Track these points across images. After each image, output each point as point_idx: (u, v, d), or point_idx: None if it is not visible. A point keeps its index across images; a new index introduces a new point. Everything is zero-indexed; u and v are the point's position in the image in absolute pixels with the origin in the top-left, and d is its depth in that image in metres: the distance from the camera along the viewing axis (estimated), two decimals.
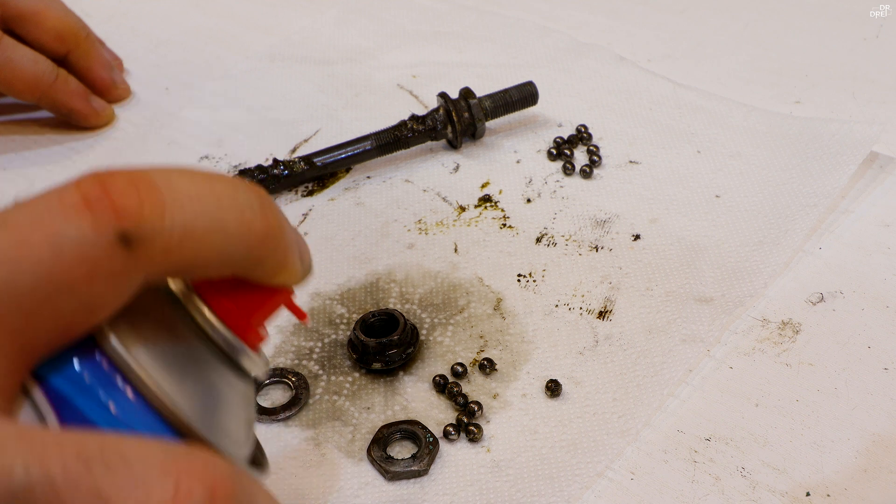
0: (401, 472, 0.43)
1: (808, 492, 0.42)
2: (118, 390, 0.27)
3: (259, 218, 0.29)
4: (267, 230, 0.29)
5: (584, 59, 0.72)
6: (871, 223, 0.56)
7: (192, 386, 0.28)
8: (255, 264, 0.29)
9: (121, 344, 0.27)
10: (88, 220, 0.26)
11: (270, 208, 0.29)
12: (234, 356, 0.30)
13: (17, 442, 0.24)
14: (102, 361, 0.27)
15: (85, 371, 0.27)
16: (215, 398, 0.29)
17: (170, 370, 0.28)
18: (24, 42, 0.65)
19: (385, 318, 0.50)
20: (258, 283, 0.30)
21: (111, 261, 0.26)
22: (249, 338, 0.30)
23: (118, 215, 0.26)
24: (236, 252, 0.28)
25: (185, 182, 0.28)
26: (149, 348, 0.28)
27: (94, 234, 0.26)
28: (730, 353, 0.49)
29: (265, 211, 0.29)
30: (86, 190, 0.26)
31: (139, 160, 0.66)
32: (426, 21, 0.80)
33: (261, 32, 0.80)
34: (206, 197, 0.28)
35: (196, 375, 0.29)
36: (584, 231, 0.57)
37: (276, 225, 0.29)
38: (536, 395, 0.47)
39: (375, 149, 0.63)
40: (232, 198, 0.28)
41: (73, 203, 0.26)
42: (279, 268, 0.30)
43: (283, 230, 0.30)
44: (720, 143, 0.63)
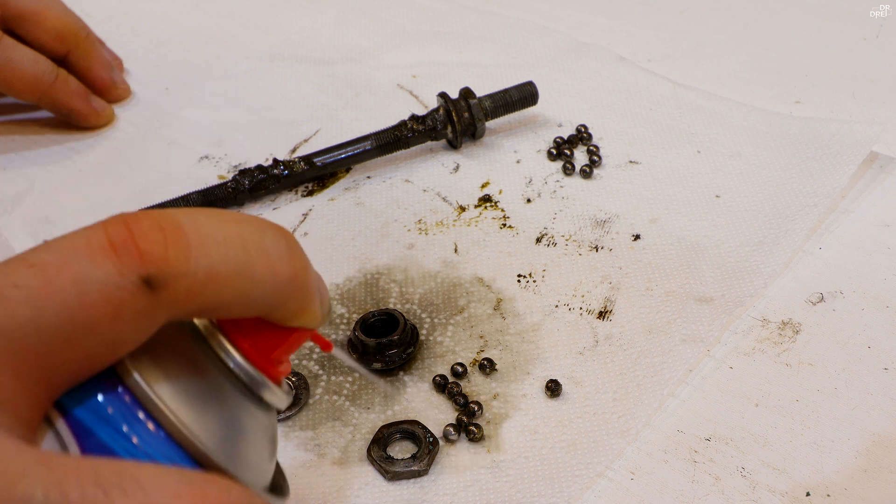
0: (401, 472, 0.43)
1: (808, 492, 0.42)
2: (139, 422, 0.28)
3: (285, 263, 0.29)
4: (292, 276, 0.29)
5: (584, 59, 0.72)
6: (871, 223, 0.56)
7: (212, 418, 0.29)
8: (278, 307, 0.30)
9: (142, 378, 0.28)
10: (114, 262, 0.26)
11: (296, 253, 0.30)
12: (255, 390, 0.30)
13: (38, 468, 0.25)
14: (124, 394, 0.28)
15: (107, 403, 0.28)
16: (236, 429, 0.30)
17: (190, 403, 0.29)
18: (24, 42, 0.65)
19: (385, 318, 0.50)
20: (279, 323, 0.31)
21: (135, 302, 0.27)
22: (271, 371, 0.31)
23: (143, 259, 0.27)
24: (260, 297, 0.29)
25: (212, 225, 0.28)
26: (170, 381, 0.28)
27: (118, 276, 0.26)
28: (730, 353, 0.49)
29: (291, 256, 0.29)
30: (112, 233, 0.27)
31: (139, 160, 0.66)
32: (426, 21, 0.80)
33: (261, 32, 0.80)
34: (233, 241, 0.28)
35: (217, 408, 0.29)
36: (584, 231, 0.57)
37: (301, 271, 0.30)
38: (536, 395, 0.47)
39: (375, 149, 0.63)
40: (258, 242, 0.29)
41: (99, 245, 0.27)
42: (300, 312, 0.31)
43: (307, 276, 0.30)
44: (720, 143, 0.63)
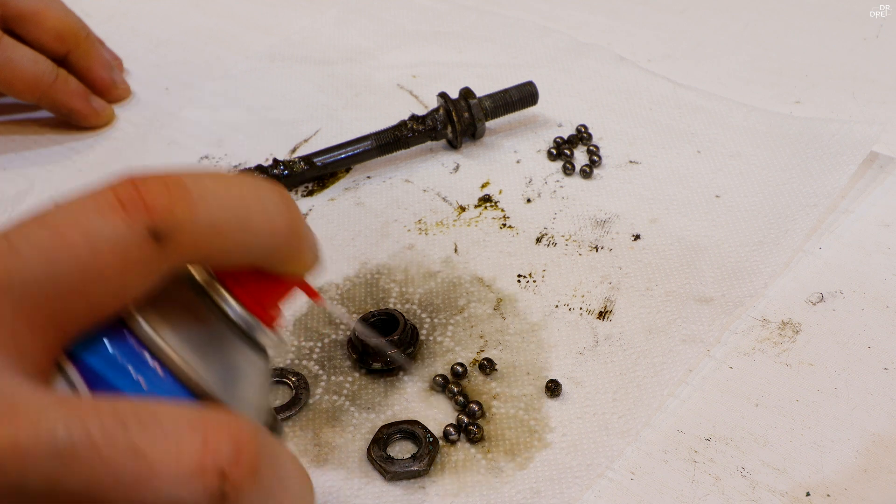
0: (401, 472, 0.43)
1: (808, 492, 0.42)
2: (146, 365, 0.30)
3: (281, 215, 0.31)
4: (288, 226, 0.32)
5: (584, 59, 0.72)
6: (871, 223, 0.56)
7: (213, 361, 0.31)
8: (273, 256, 0.32)
9: (148, 324, 0.30)
10: (122, 217, 0.28)
11: (290, 206, 0.32)
12: (251, 334, 0.33)
13: (58, 407, 0.26)
14: (131, 340, 0.30)
15: (115, 349, 0.30)
16: (235, 372, 0.32)
17: (193, 347, 0.31)
18: (24, 42, 0.65)
19: (385, 318, 0.50)
20: (273, 270, 0.33)
21: (142, 253, 0.28)
22: (266, 317, 0.33)
23: (150, 212, 0.28)
24: (258, 246, 0.31)
25: (213, 182, 0.30)
26: (173, 328, 0.31)
27: (127, 229, 0.28)
28: (730, 353, 0.49)
29: (287, 208, 0.32)
30: (120, 191, 0.29)
31: (139, 160, 0.66)
32: (426, 21, 0.80)
33: (261, 32, 0.80)
34: (233, 196, 0.30)
35: (217, 351, 0.31)
36: (584, 231, 0.57)
37: (296, 220, 0.32)
38: (536, 395, 0.47)
39: (375, 149, 0.63)
40: (256, 196, 0.31)
41: (107, 203, 0.29)
42: (293, 259, 0.33)
43: (300, 227, 0.32)
44: (720, 143, 0.63)
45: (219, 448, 0.27)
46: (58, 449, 0.25)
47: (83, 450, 0.25)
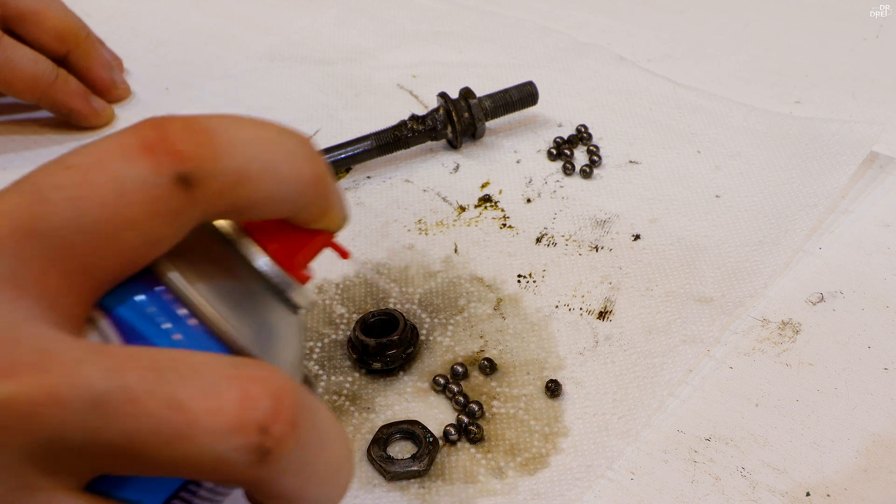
0: (401, 472, 0.43)
1: (808, 492, 0.42)
2: (179, 318, 0.29)
3: (308, 164, 0.30)
4: (315, 176, 0.31)
5: (584, 59, 0.72)
6: (871, 223, 0.56)
7: (246, 315, 0.30)
8: (302, 207, 0.31)
9: (180, 276, 0.29)
10: (149, 162, 0.27)
11: (317, 157, 0.31)
12: (283, 289, 0.32)
13: (94, 355, 0.25)
14: (163, 292, 0.29)
15: (148, 301, 0.29)
16: (268, 327, 0.31)
17: (225, 300, 0.30)
18: (24, 42, 0.65)
19: (385, 318, 0.50)
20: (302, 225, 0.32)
21: (170, 200, 0.28)
22: (296, 273, 0.33)
23: (176, 158, 0.27)
24: (286, 195, 0.30)
25: (238, 128, 0.29)
26: (205, 280, 0.30)
27: (154, 175, 0.27)
28: (730, 353, 0.49)
29: (314, 158, 0.31)
30: (144, 134, 0.28)
31: None
32: (426, 21, 0.80)
33: (261, 32, 0.80)
34: (259, 142, 0.29)
35: (249, 307, 0.31)
36: (584, 231, 0.57)
37: (322, 171, 0.31)
38: (536, 395, 0.47)
39: (375, 149, 0.63)
40: (282, 143, 0.30)
41: (133, 146, 0.28)
42: (323, 212, 0.32)
43: (328, 178, 0.31)
44: (720, 143, 0.63)
45: (258, 402, 0.26)
46: (95, 399, 0.25)
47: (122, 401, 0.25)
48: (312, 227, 0.33)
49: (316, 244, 0.33)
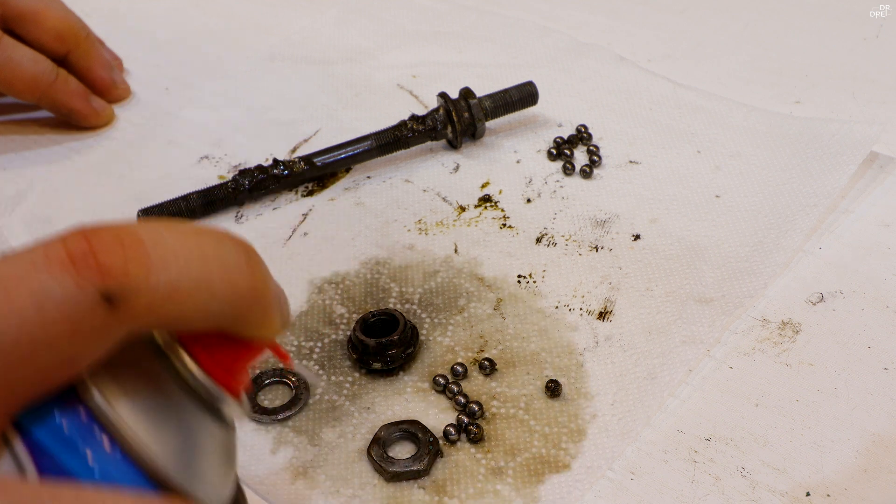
0: (401, 472, 0.43)
1: (808, 492, 0.42)
2: (97, 442, 0.27)
3: (245, 277, 0.29)
4: (251, 289, 0.29)
5: (584, 59, 0.72)
6: (871, 223, 0.56)
7: (171, 435, 0.29)
8: (238, 320, 0.30)
9: (101, 395, 0.28)
10: (72, 277, 0.26)
11: (256, 266, 0.30)
12: (215, 405, 0.30)
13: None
14: (82, 412, 0.28)
15: (64, 422, 0.27)
16: (194, 446, 0.30)
17: (149, 420, 0.28)
18: (24, 42, 0.65)
19: (385, 318, 0.50)
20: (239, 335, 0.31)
21: (94, 317, 0.26)
22: (231, 385, 0.31)
23: (102, 274, 0.26)
24: (220, 309, 0.29)
25: (173, 238, 0.28)
26: (129, 398, 0.28)
27: (77, 291, 0.26)
28: (730, 353, 0.49)
29: (252, 269, 0.29)
30: (72, 246, 0.26)
31: (139, 160, 0.66)
32: (426, 21, 0.80)
33: (261, 32, 0.80)
34: (193, 255, 0.28)
35: (176, 424, 0.29)
36: (584, 231, 0.57)
37: (260, 283, 0.30)
38: (536, 395, 0.47)
39: (375, 149, 0.63)
40: (218, 256, 0.29)
41: (58, 259, 0.26)
42: (260, 323, 0.30)
43: (266, 288, 0.30)
44: (720, 143, 0.63)
45: None
46: None
47: None
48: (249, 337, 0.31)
49: (253, 351, 0.32)
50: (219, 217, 0.60)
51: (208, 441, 0.30)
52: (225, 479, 0.31)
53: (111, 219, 0.60)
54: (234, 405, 0.31)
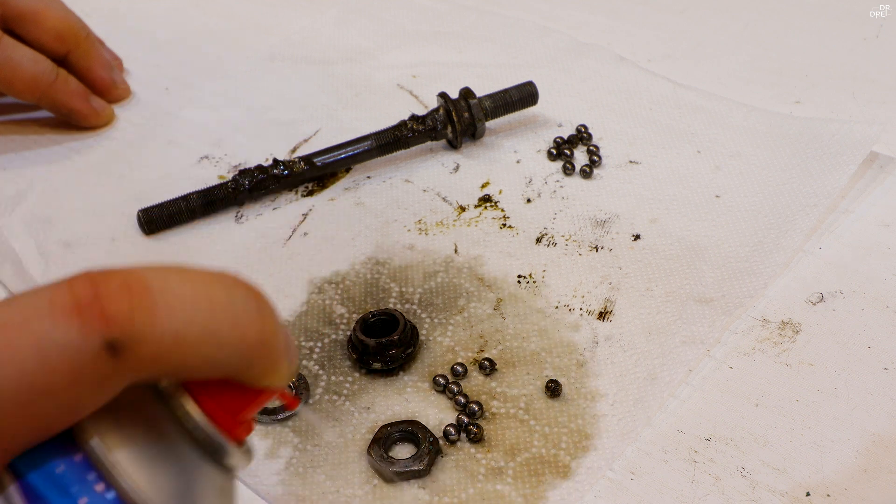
0: (401, 472, 0.43)
1: (808, 492, 0.42)
2: (91, 487, 0.27)
3: (255, 326, 0.28)
4: (260, 339, 0.28)
5: (584, 59, 0.72)
6: (871, 223, 0.56)
7: (168, 481, 0.28)
8: (246, 369, 0.29)
9: (100, 441, 0.27)
10: (77, 325, 0.25)
11: (267, 314, 0.29)
12: (218, 454, 0.30)
13: None
14: (79, 458, 0.27)
15: (62, 468, 0.27)
16: (192, 492, 0.29)
17: (147, 466, 0.28)
18: (24, 42, 0.65)
19: (385, 318, 0.50)
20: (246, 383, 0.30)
21: (97, 366, 0.26)
22: (234, 433, 0.30)
23: (108, 322, 0.25)
24: (227, 359, 0.28)
25: (180, 284, 0.27)
26: (128, 443, 0.28)
27: (81, 340, 0.25)
28: (730, 353, 0.49)
29: (262, 318, 0.29)
30: (77, 292, 0.26)
31: (139, 160, 0.66)
32: (426, 21, 0.80)
33: (261, 32, 0.80)
34: (202, 302, 0.27)
35: (175, 470, 0.29)
36: (584, 231, 0.57)
37: (270, 332, 0.29)
38: (536, 395, 0.47)
39: (375, 149, 0.63)
40: (227, 303, 0.28)
41: (62, 305, 0.26)
42: (268, 373, 0.30)
43: (276, 338, 0.29)
44: (720, 143, 0.63)
45: None
46: None
47: None
48: (256, 386, 0.30)
49: (260, 401, 0.31)
50: (219, 217, 0.60)
51: (207, 488, 0.30)
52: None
53: (111, 219, 0.60)
54: (236, 455, 0.31)
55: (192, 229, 0.59)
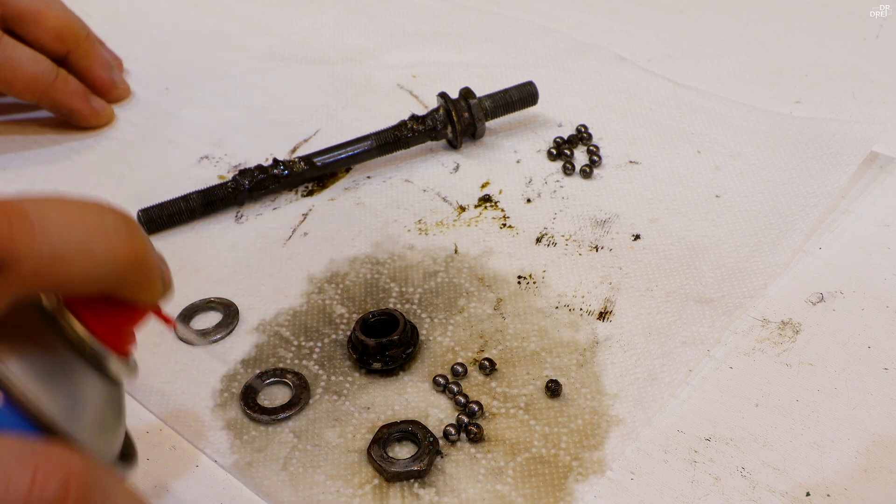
0: (401, 472, 0.43)
1: (808, 492, 0.42)
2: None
3: (125, 244, 0.32)
4: (131, 255, 0.32)
5: (584, 59, 0.72)
6: (871, 223, 0.56)
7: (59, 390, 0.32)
8: (120, 285, 0.33)
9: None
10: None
11: (136, 233, 0.33)
12: (100, 363, 0.33)
13: None
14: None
15: None
16: (81, 400, 0.32)
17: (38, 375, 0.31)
18: (24, 42, 0.65)
19: (385, 318, 0.50)
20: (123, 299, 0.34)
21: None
22: (116, 345, 0.34)
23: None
24: (102, 274, 0.31)
25: (56, 210, 0.30)
26: (18, 355, 0.31)
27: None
28: (730, 353, 0.49)
29: (131, 237, 0.32)
30: None
31: (139, 160, 0.66)
32: (426, 21, 0.80)
33: (261, 32, 0.80)
34: (75, 224, 0.30)
35: (63, 380, 0.32)
36: (584, 231, 0.57)
37: (140, 250, 0.33)
38: (536, 395, 0.47)
39: (375, 149, 0.63)
40: (99, 224, 0.31)
41: None
42: (142, 288, 0.34)
43: (147, 254, 0.33)
44: (720, 143, 0.63)
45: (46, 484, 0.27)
46: None
47: None
48: (133, 301, 0.34)
49: (136, 317, 0.35)
50: (219, 217, 0.60)
51: (93, 394, 0.33)
52: (113, 433, 0.35)
53: None
54: (120, 364, 0.34)
55: (192, 229, 0.59)
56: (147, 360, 0.50)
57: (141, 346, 0.51)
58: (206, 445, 0.46)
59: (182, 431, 0.46)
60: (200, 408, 0.47)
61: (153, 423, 0.47)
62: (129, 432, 0.38)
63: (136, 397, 0.48)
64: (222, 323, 0.52)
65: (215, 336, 0.51)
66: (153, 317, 0.36)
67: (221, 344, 0.51)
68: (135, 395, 0.48)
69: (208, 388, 0.49)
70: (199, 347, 0.51)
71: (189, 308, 0.53)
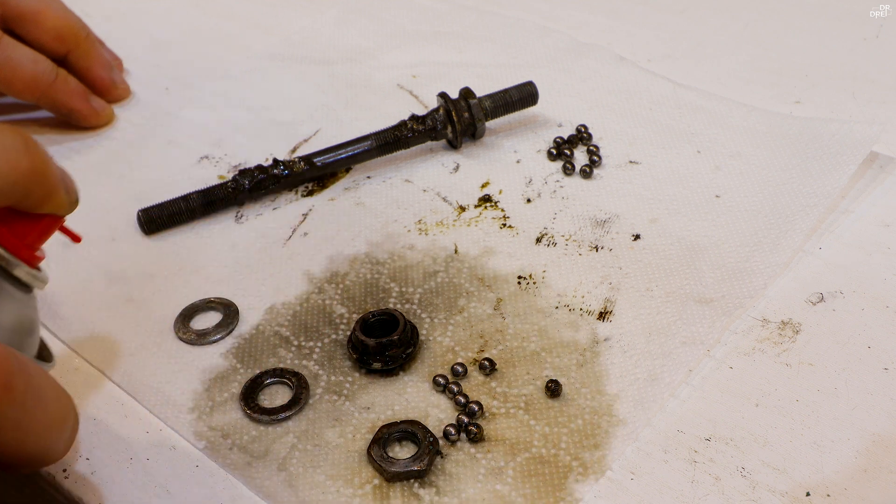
0: (401, 472, 0.43)
1: (808, 492, 0.42)
2: None
3: (23, 158, 0.35)
4: (32, 168, 0.35)
5: (584, 59, 0.72)
6: (871, 223, 0.56)
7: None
8: (23, 196, 0.36)
9: None
10: None
11: (34, 149, 0.35)
12: (10, 270, 0.37)
13: None
14: None
15: None
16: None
17: None
18: (24, 42, 0.65)
19: (385, 318, 0.50)
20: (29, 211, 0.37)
21: None
22: (23, 253, 0.37)
23: None
24: (4, 187, 0.34)
25: None
26: None
27: None
28: (730, 353, 0.49)
29: (29, 152, 0.35)
30: None
31: (139, 160, 0.66)
32: (426, 21, 0.80)
33: (261, 32, 0.80)
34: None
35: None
36: (584, 231, 0.57)
37: (40, 163, 0.36)
38: (536, 395, 0.47)
39: (375, 149, 0.63)
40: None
41: None
42: (45, 199, 0.37)
43: (46, 167, 0.36)
44: (720, 143, 0.63)
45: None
46: None
47: None
48: (39, 213, 0.37)
49: (43, 228, 0.38)
50: (219, 217, 0.60)
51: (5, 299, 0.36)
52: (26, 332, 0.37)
53: (111, 219, 0.60)
54: (30, 273, 0.37)
55: (192, 229, 0.59)
56: (147, 359, 0.50)
57: (141, 346, 0.51)
58: (205, 445, 0.46)
59: (181, 431, 0.46)
60: (200, 408, 0.48)
61: (153, 423, 0.47)
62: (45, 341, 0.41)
63: (135, 397, 0.48)
64: (222, 323, 0.52)
65: (215, 336, 0.51)
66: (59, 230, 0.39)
67: (221, 344, 0.51)
68: (134, 395, 0.48)
69: (208, 388, 0.49)
70: (199, 347, 0.51)
71: (189, 308, 0.53)
